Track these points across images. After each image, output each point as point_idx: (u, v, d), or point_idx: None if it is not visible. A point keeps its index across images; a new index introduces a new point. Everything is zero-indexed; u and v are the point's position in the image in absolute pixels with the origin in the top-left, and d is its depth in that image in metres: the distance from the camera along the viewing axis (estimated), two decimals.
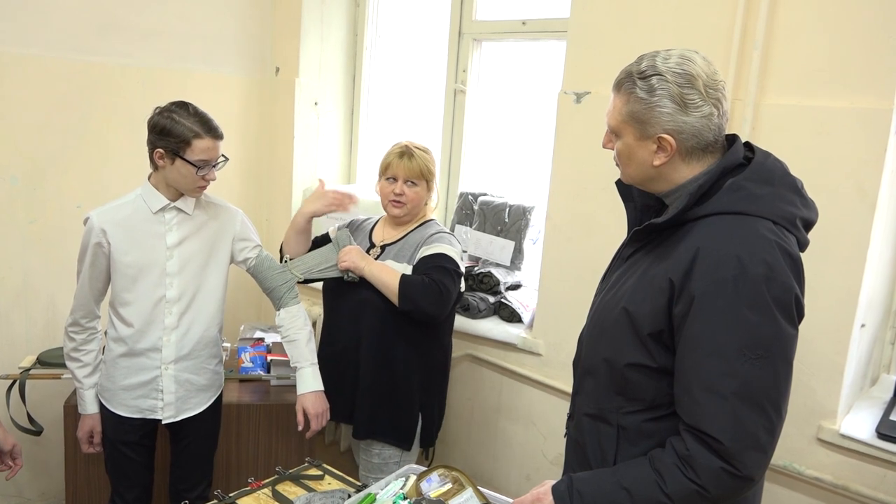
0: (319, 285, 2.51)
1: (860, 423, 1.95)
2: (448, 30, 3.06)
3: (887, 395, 2.07)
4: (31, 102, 2.73)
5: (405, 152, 2.32)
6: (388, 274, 2.24)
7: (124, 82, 2.93)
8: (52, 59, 2.74)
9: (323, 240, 2.49)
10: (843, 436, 1.93)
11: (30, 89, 2.71)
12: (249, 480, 1.95)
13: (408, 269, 2.27)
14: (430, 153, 2.38)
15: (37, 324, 2.86)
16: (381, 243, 2.39)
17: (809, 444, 2.00)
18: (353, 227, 2.51)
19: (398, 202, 2.32)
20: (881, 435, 1.88)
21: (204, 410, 2.26)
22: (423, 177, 2.32)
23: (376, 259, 2.33)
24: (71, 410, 2.39)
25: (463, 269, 2.31)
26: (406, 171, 2.30)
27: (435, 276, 2.23)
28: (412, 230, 2.37)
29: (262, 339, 2.86)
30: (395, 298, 2.20)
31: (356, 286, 2.30)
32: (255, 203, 3.45)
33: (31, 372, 2.57)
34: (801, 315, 1.33)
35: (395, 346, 2.29)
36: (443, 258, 2.26)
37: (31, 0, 2.65)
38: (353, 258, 2.29)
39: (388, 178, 2.34)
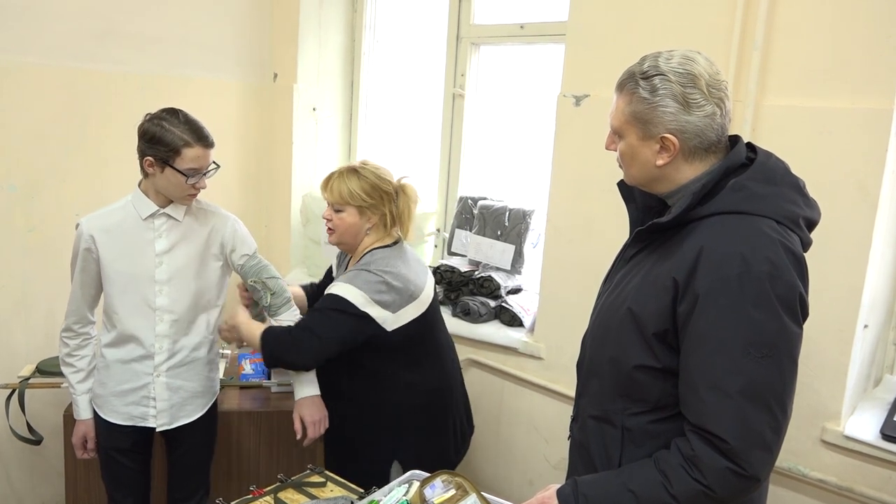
0: None
1: (864, 425, 1.94)
2: (446, 34, 3.06)
3: (891, 396, 2.07)
4: (30, 110, 2.72)
5: (329, 176, 2.19)
6: (256, 332, 2.15)
7: (123, 89, 2.92)
8: (50, 67, 2.74)
9: (328, 273, 2.45)
10: (847, 437, 1.93)
11: (28, 97, 2.71)
12: (251, 488, 1.93)
13: None
14: (370, 175, 2.14)
15: (36, 333, 2.85)
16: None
17: (813, 445, 1.99)
18: (338, 258, 2.42)
19: (329, 228, 2.21)
20: (885, 436, 1.88)
21: (199, 418, 2.24)
22: (346, 202, 2.13)
23: None
24: (70, 419, 2.38)
25: (364, 309, 2.05)
26: (328, 195, 2.17)
27: (302, 322, 2.12)
28: (356, 264, 2.19)
29: None
30: (258, 349, 2.15)
31: None
32: (253, 209, 3.44)
33: (31, 381, 2.56)
34: (805, 313, 1.32)
35: (338, 385, 2.21)
36: (329, 300, 2.09)
37: (29, 8, 2.65)
38: (232, 333, 2.23)
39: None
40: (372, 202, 2.14)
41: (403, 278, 2.13)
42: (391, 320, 2.09)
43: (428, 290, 2.22)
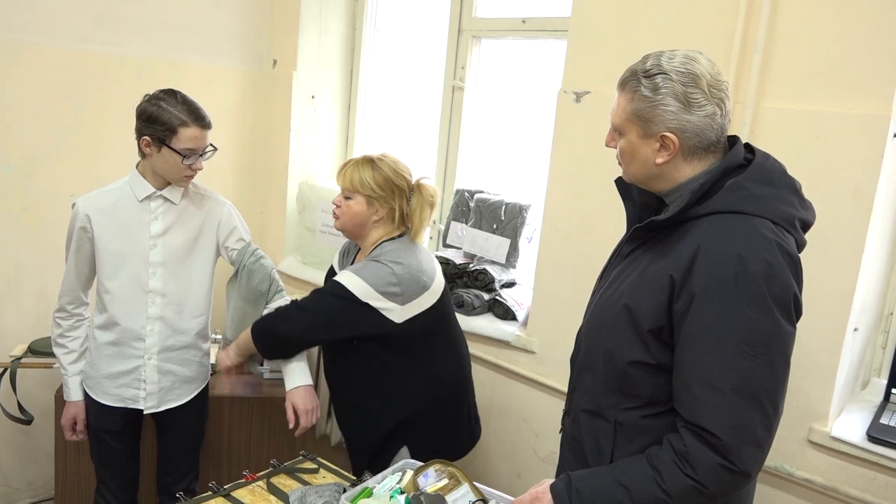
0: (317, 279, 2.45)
1: (851, 426, 1.96)
2: (447, 26, 3.06)
3: (878, 399, 2.09)
4: (25, 90, 2.71)
5: (346, 163, 2.17)
6: (244, 335, 2.17)
7: (120, 72, 2.91)
8: (47, 47, 2.72)
9: (330, 273, 2.41)
10: (834, 438, 1.95)
11: (24, 77, 2.69)
12: (244, 473, 1.94)
13: None
14: (386, 168, 2.12)
15: (28, 312, 2.84)
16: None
17: (801, 445, 2.02)
18: (349, 250, 2.37)
19: (334, 213, 2.19)
20: (872, 438, 1.90)
21: (189, 402, 2.25)
22: (357, 190, 2.10)
23: None
24: (61, 400, 2.38)
25: (366, 300, 2.03)
26: (340, 181, 2.15)
27: (300, 300, 2.12)
28: (364, 258, 2.16)
29: None
30: (253, 342, 2.13)
31: None
32: (249, 196, 3.44)
33: (22, 361, 2.56)
34: (798, 313, 1.34)
35: (354, 378, 2.19)
36: (329, 284, 2.10)
37: None
38: (222, 363, 2.24)
39: None
40: (382, 194, 2.11)
41: (414, 269, 2.09)
42: (399, 312, 2.05)
43: (439, 279, 2.19)
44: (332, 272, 2.36)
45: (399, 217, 2.15)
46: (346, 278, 2.06)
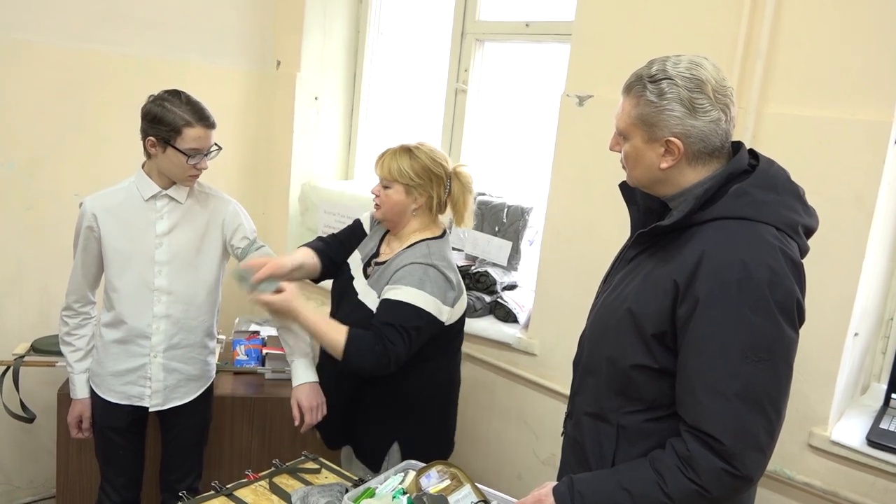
0: (326, 284, 2.39)
1: (851, 431, 1.97)
2: (451, 29, 3.07)
3: (877, 404, 2.10)
4: (29, 89, 2.72)
5: (383, 152, 2.17)
6: (332, 329, 1.99)
7: (123, 72, 2.92)
8: (50, 47, 2.73)
9: (353, 230, 2.35)
10: (833, 442, 1.96)
11: (26, 76, 2.70)
12: (247, 472, 1.95)
13: (375, 302, 2.07)
14: (423, 157, 2.12)
15: (31, 310, 2.85)
16: (377, 260, 2.21)
17: (801, 449, 2.02)
18: (372, 224, 2.33)
19: (375, 204, 2.17)
20: (871, 443, 1.91)
21: (193, 401, 2.26)
22: (396, 179, 2.09)
23: (367, 279, 2.17)
24: (64, 398, 2.39)
25: (436, 314, 2.01)
26: (379, 170, 2.14)
27: (388, 338, 1.96)
28: (402, 250, 2.13)
29: (257, 333, 2.86)
30: (338, 355, 1.97)
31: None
32: (251, 197, 3.45)
33: (25, 359, 2.57)
34: (801, 319, 1.35)
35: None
36: (402, 309, 1.98)
37: None
38: (288, 304, 2.01)
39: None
40: (420, 182, 2.10)
41: (457, 271, 2.14)
42: (447, 314, 2.06)
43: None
44: (355, 232, 2.32)
45: (437, 205, 2.16)
46: (417, 298, 1.99)
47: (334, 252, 2.30)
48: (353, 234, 2.34)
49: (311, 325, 2.00)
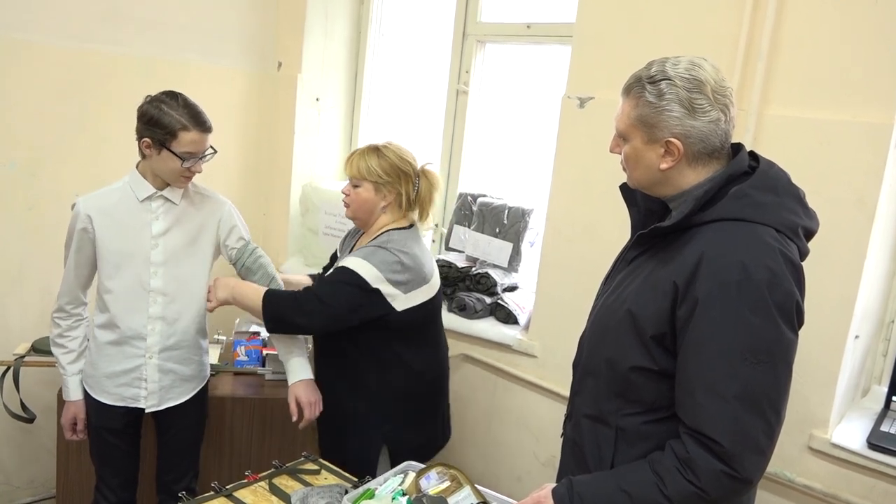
0: None
1: (851, 433, 1.97)
2: (452, 30, 3.07)
3: (878, 406, 2.10)
4: (30, 89, 2.72)
5: (352, 153, 2.22)
6: (253, 292, 2.13)
7: (124, 72, 2.92)
8: (50, 47, 2.73)
9: (333, 256, 2.45)
10: (834, 445, 1.96)
11: (26, 76, 2.70)
12: (247, 473, 1.95)
13: None
14: (391, 155, 2.17)
15: (31, 310, 2.85)
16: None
17: (801, 452, 2.02)
18: (351, 234, 2.41)
19: (345, 203, 2.23)
20: (872, 445, 1.91)
21: (188, 401, 2.25)
22: (365, 177, 2.15)
23: None
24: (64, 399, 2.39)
25: (375, 285, 2.05)
26: (348, 170, 2.20)
27: (308, 288, 2.12)
28: (367, 243, 2.18)
29: (257, 333, 2.86)
30: (259, 313, 2.11)
31: None
32: (252, 197, 3.45)
33: (26, 359, 2.56)
34: (801, 321, 1.35)
35: (339, 365, 2.21)
36: (340, 272, 2.08)
37: None
38: (217, 293, 2.18)
39: None
40: (388, 180, 2.16)
41: (419, 261, 2.15)
42: (402, 300, 2.09)
43: (436, 276, 2.25)
44: (334, 257, 2.41)
45: (406, 202, 2.19)
46: (356, 263, 2.07)
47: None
48: (334, 260, 2.42)
49: (238, 294, 2.16)
